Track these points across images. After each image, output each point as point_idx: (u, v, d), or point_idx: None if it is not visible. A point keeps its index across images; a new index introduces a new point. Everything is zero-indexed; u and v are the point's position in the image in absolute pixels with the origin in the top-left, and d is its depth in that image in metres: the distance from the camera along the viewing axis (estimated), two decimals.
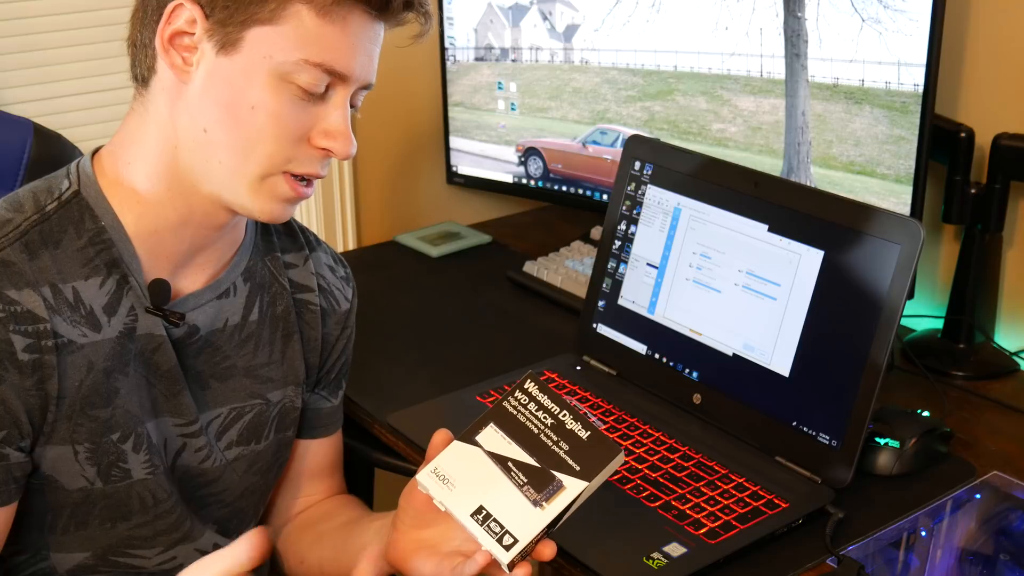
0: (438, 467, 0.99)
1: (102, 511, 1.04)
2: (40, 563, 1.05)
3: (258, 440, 1.14)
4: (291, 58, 0.95)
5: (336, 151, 0.99)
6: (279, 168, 0.99)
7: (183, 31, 0.96)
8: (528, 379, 1.02)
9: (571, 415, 0.99)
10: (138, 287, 1.02)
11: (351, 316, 1.23)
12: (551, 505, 0.95)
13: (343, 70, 0.97)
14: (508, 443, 0.99)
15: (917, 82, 1.39)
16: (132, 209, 1.01)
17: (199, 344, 1.08)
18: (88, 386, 0.99)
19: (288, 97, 0.96)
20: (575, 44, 1.77)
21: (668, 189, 1.35)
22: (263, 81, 0.95)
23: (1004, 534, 1.17)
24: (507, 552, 0.95)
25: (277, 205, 1.01)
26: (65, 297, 0.98)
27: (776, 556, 1.10)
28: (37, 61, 1.63)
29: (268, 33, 0.94)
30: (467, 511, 0.97)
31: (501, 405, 1.01)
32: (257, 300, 1.12)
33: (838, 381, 1.17)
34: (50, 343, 0.96)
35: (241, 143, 0.97)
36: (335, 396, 1.24)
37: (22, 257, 0.97)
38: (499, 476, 0.98)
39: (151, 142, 1.00)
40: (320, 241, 1.22)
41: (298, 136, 0.98)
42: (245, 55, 0.95)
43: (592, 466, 0.96)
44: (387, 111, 1.96)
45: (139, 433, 1.03)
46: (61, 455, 1.00)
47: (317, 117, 0.98)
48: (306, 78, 0.96)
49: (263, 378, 1.13)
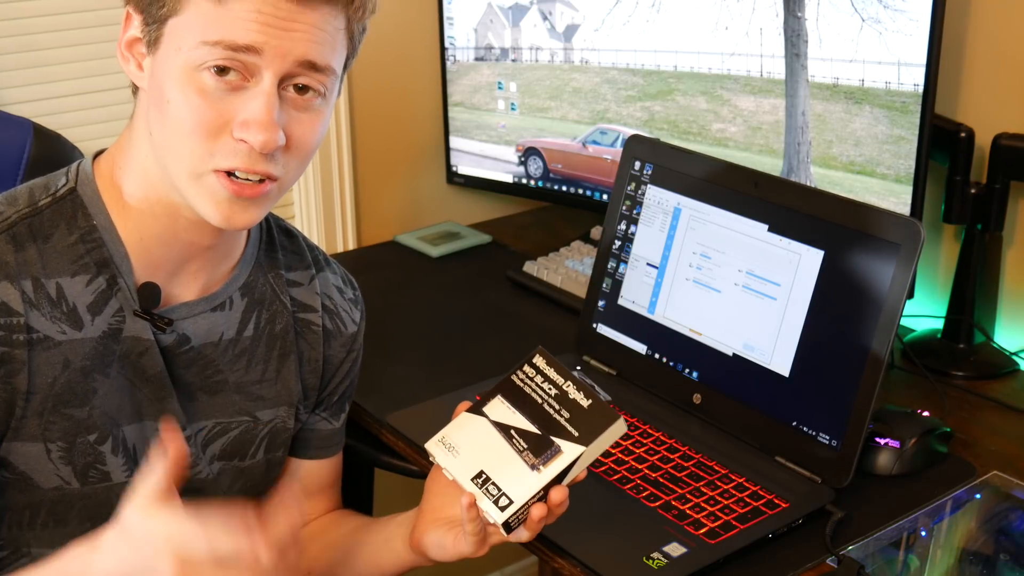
0: (445, 436, 1.06)
1: (80, 512, 1.03)
2: (22, 559, 1.04)
3: (243, 457, 1.13)
4: (194, 43, 0.92)
5: (251, 141, 0.92)
6: (206, 165, 0.94)
7: (136, 37, 0.96)
8: (538, 354, 1.07)
9: (575, 385, 1.03)
10: (127, 289, 1.01)
11: (358, 339, 1.20)
12: (547, 469, 1.00)
13: (246, 42, 0.91)
14: (513, 412, 1.04)
15: (917, 82, 1.39)
16: (123, 213, 1.01)
17: (190, 355, 1.06)
18: (63, 384, 0.98)
19: (200, 88, 0.92)
20: (575, 44, 1.77)
21: (668, 189, 1.35)
22: (177, 74, 0.93)
23: (1004, 534, 1.17)
24: (502, 512, 0.99)
25: (222, 207, 0.95)
26: (47, 292, 0.97)
27: (776, 556, 1.10)
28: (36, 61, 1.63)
29: (177, 25, 0.93)
30: (468, 475, 1.02)
31: (509, 378, 1.07)
32: (254, 316, 1.11)
33: (838, 381, 1.17)
34: (22, 337, 0.96)
35: (169, 141, 0.95)
36: (336, 419, 1.22)
37: (7, 248, 0.96)
38: (501, 443, 1.03)
39: (134, 151, 1.00)
40: (330, 261, 1.20)
41: (216, 128, 0.93)
42: (163, 51, 0.94)
43: (590, 432, 1.00)
44: (387, 111, 1.96)
45: (117, 436, 1.02)
46: (32, 452, 0.99)
47: (238, 108, 0.93)
48: (211, 60, 0.91)
49: (253, 395, 1.12)
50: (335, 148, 1.89)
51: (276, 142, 0.93)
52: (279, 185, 0.98)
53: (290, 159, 0.97)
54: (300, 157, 0.98)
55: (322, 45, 0.94)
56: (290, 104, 0.95)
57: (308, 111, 0.97)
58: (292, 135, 0.96)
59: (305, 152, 0.98)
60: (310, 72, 0.95)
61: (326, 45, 0.95)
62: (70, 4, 1.64)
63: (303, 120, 0.96)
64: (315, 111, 0.97)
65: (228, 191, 0.95)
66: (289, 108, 0.95)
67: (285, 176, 0.98)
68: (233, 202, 0.95)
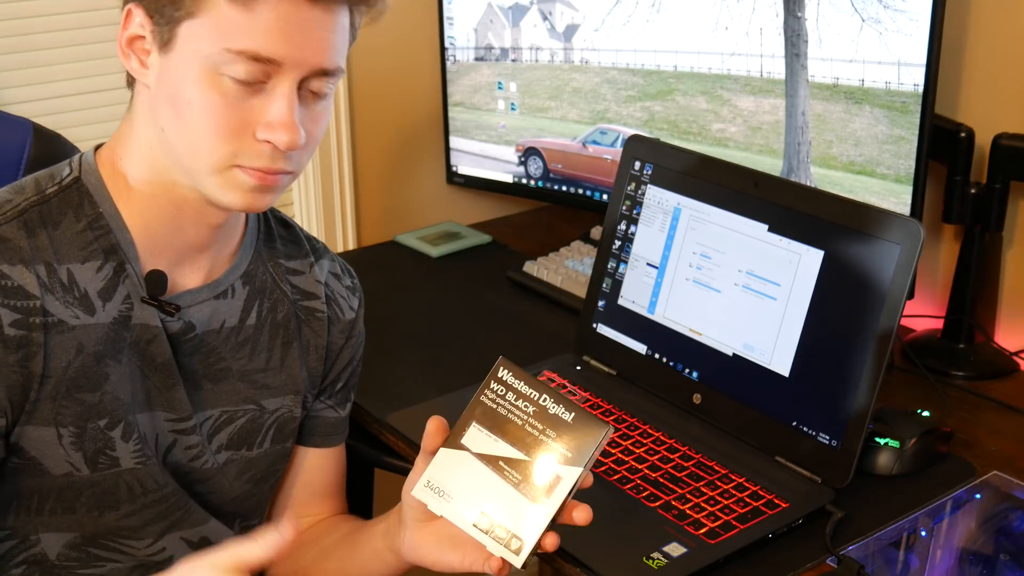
0: (431, 480, 0.98)
1: (89, 499, 1.03)
2: (31, 548, 1.05)
3: (250, 447, 1.13)
4: (215, 49, 0.93)
5: (276, 143, 0.96)
6: (228, 162, 0.97)
7: (138, 35, 0.98)
8: (500, 367, 0.99)
9: (551, 398, 0.97)
10: (135, 275, 1.02)
11: (356, 326, 1.21)
12: (550, 500, 0.94)
13: (269, 55, 0.93)
14: (495, 441, 0.97)
15: (917, 82, 1.39)
16: (128, 201, 1.03)
17: (194, 342, 1.08)
18: (76, 368, 0.99)
19: (222, 91, 0.94)
20: (575, 44, 1.77)
21: (668, 189, 1.35)
22: (196, 76, 0.95)
23: (1004, 534, 1.17)
24: (517, 556, 0.94)
25: (247, 195, 0.99)
26: (59, 278, 0.99)
27: (776, 556, 1.10)
28: (36, 61, 1.63)
29: (195, 27, 0.94)
30: (469, 521, 0.96)
31: (479, 400, 0.99)
32: (256, 304, 1.12)
33: (838, 381, 1.17)
34: (39, 320, 0.97)
35: (188, 140, 0.97)
36: (342, 407, 1.23)
37: (20, 234, 0.98)
38: (492, 478, 0.96)
39: (137, 141, 1.02)
40: (327, 250, 1.22)
41: (238, 130, 0.96)
42: (179, 51, 0.96)
43: (582, 449, 0.95)
44: (387, 111, 1.96)
45: (129, 422, 1.03)
46: (44, 437, 1.00)
47: (260, 109, 0.96)
48: (236, 68, 0.94)
49: (258, 384, 1.13)
50: (335, 148, 1.90)
51: (300, 142, 0.97)
52: (292, 175, 1.03)
53: (303, 153, 1.01)
54: (310, 149, 1.02)
55: (334, 51, 0.98)
56: (303, 103, 0.99)
57: (317, 107, 1.00)
58: (306, 132, 0.99)
59: (315, 145, 1.03)
60: (323, 77, 0.98)
61: (337, 50, 0.99)
62: (70, 4, 1.64)
63: (314, 117, 1.00)
64: (324, 106, 1.01)
65: (254, 179, 0.98)
66: (302, 107, 0.98)
67: (298, 168, 1.02)
68: (255, 190, 0.99)
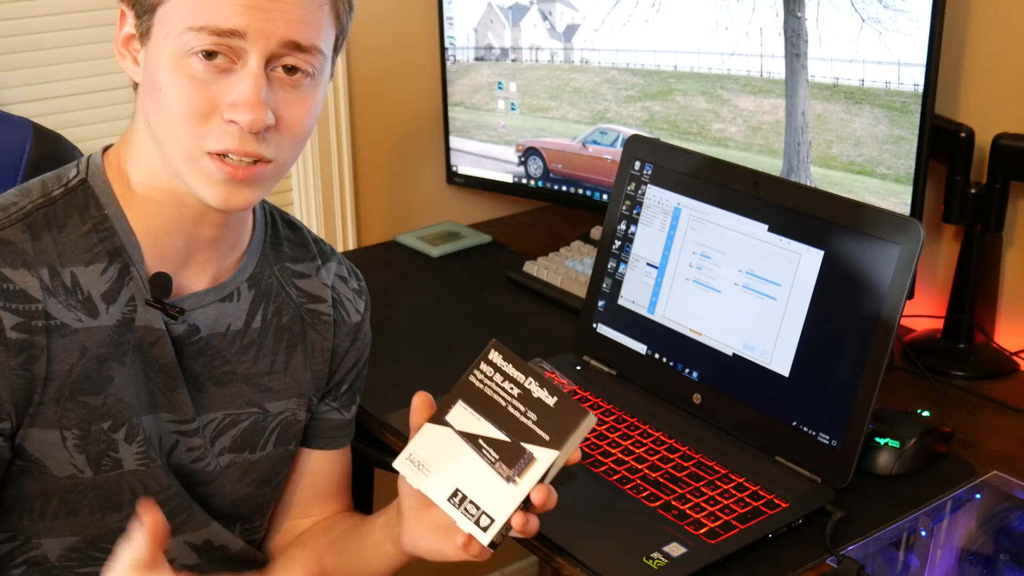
0: (412, 452, 1.00)
1: (92, 501, 1.04)
2: (32, 551, 1.05)
3: (253, 450, 1.13)
4: (180, 29, 0.94)
5: (240, 121, 0.94)
6: (199, 148, 0.96)
7: (131, 34, 0.99)
8: (492, 349, 1.01)
9: (537, 382, 0.98)
10: (139, 278, 1.03)
11: (362, 328, 1.21)
12: (523, 480, 0.96)
13: (230, 26, 0.92)
14: (477, 419, 0.99)
15: (917, 82, 1.39)
16: (132, 203, 1.03)
17: (199, 346, 1.08)
18: (80, 371, 0.99)
19: (190, 73, 0.94)
20: (575, 44, 1.77)
21: (668, 189, 1.35)
22: (166, 61, 0.95)
23: (1004, 534, 1.17)
24: (485, 533, 0.96)
25: (219, 189, 0.97)
26: (62, 281, 0.99)
27: (776, 556, 1.10)
28: (37, 61, 1.63)
29: (165, 13, 0.95)
30: (444, 495, 0.98)
31: (467, 380, 1.01)
32: (261, 308, 1.12)
33: (838, 381, 1.17)
34: (41, 324, 0.97)
35: (165, 127, 0.97)
36: (347, 410, 1.22)
37: (23, 237, 0.98)
38: (471, 455, 0.98)
39: (137, 143, 1.03)
40: (335, 252, 1.21)
41: (206, 112, 0.95)
42: (154, 40, 0.96)
43: (561, 434, 0.96)
44: (387, 111, 1.96)
45: (133, 424, 1.03)
46: (48, 440, 1.00)
47: (227, 90, 0.95)
48: (199, 45, 0.93)
49: (262, 387, 1.13)
50: (335, 148, 1.89)
51: (264, 121, 0.95)
52: (274, 167, 0.99)
53: (283, 141, 0.98)
54: (293, 139, 0.99)
55: (305, 25, 0.96)
56: (279, 85, 0.97)
57: (297, 91, 0.98)
58: (282, 116, 0.97)
59: (297, 134, 1.00)
60: (296, 52, 0.96)
61: (309, 25, 0.96)
62: (70, 4, 1.64)
63: (293, 101, 0.98)
64: (304, 92, 0.99)
65: (223, 173, 0.96)
66: (278, 89, 0.97)
67: (279, 158, 0.99)
68: (228, 183, 0.97)
